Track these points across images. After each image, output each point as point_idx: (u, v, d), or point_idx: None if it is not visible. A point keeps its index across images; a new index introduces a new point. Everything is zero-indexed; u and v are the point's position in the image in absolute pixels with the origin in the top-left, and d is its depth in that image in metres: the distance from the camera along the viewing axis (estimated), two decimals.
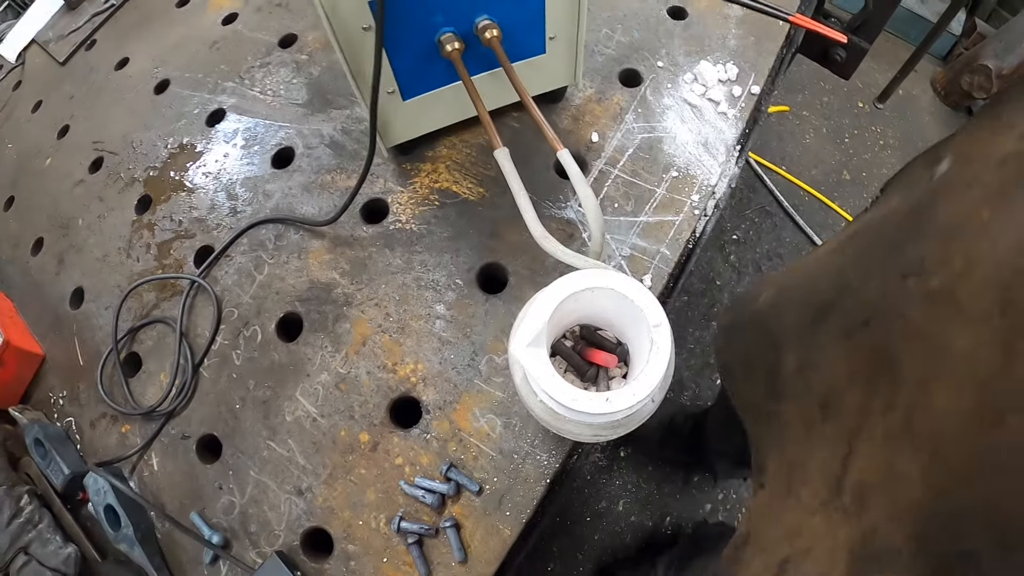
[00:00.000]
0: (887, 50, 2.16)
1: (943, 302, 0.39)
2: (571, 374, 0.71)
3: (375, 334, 0.90)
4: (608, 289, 0.61)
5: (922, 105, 2.14)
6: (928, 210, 0.46)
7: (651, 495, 1.53)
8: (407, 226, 0.96)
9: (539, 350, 0.60)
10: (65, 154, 1.28)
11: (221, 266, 1.01)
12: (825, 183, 1.90)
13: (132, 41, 1.36)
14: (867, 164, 1.97)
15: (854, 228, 0.60)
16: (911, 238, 0.46)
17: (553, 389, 0.58)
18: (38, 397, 1.10)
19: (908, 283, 0.43)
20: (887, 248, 0.49)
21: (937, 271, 0.40)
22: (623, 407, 0.59)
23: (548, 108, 1.02)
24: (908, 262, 0.44)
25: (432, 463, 0.83)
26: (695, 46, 1.10)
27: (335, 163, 1.03)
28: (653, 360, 0.60)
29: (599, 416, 0.60)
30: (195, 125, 1.16)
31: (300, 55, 1.17)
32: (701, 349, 1.64)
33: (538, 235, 0.66)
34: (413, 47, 0.83)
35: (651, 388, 0.59)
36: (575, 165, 0.69)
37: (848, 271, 0.54)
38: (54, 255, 1.17)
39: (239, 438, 0.91)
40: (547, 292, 0.61)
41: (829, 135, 2.01)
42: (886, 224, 0.52)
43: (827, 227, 1.84)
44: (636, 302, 0.61)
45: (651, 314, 0.60)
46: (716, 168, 0.97)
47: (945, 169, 0.47)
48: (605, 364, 0.69)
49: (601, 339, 0.71)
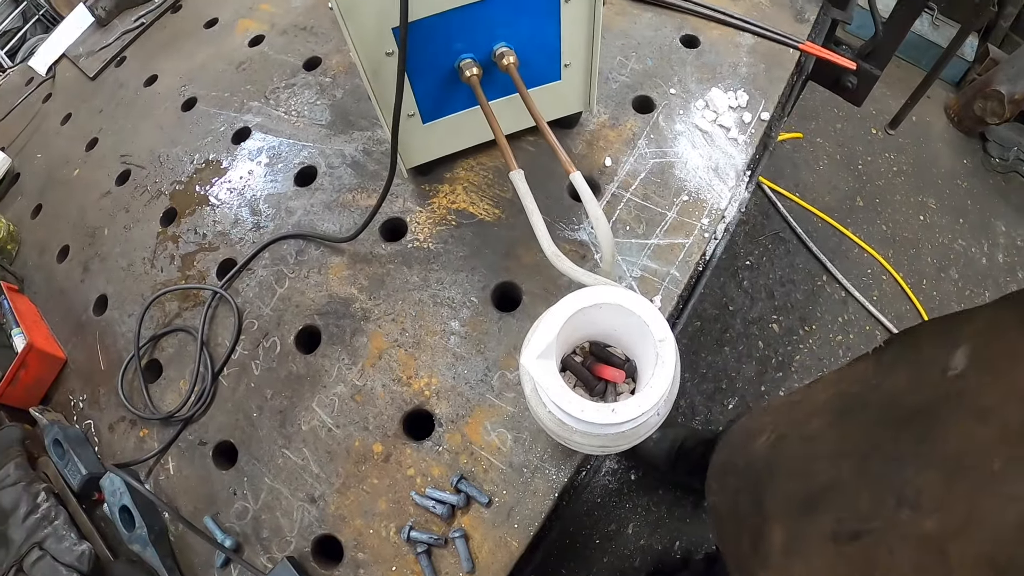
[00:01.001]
0: (899, 76, 2.22)
1: (934, 553, 0.38)
2: (580, 388, 0.76)
3: (391, 348, 0.95)
4: (616, 305, 0.66)
5: (935, 132, 2.20)
6: (935, 425, 0.44)
7: (661, 519, 1.55)
8: (424, 245, 1.02)
9: (549, 362, 0.66)
10: (93, 166, 1.36)
11: (243, 279, 1.07)
12: (838, 209, 1.95)
13: (161, 59, 1.46)
14: (880, 191, 2.02)
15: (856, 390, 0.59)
16: (913, 454, 0.45)
17: (562, 400, 0.63)
18: (58, 399, 1.16)
19: (902, 514, 0.43)
20: (887, 451, 0.48)
21: (934, 512, 0.40)
22: (629, 418, 0.63)
23: (563, 133, 1.09)
24: (905, 487, 0.43)
25: (443, 475, 0.88)
26: (707, 73, 1.16)
27: (356, 182, 1.10)
28: (658, 373, 0.65)
29: (605, 426, 0.64)
30: (221, 142, 1.24)
31: (324, 78, 1.25)
32: (713, 374, 1.68)
33: (550, 253, 0.72)
34: (434, 72, 0.90)
35: (656, 400, 0.64)
36: (586, 186, 0.75)
37: (844, 464, 0.54)
38: (79, 263, 1.24)
39: (255, 445, 0.96)
40: (557, 307, 0.66)
41: (842, 162, 2.07)
42: (889, 411, 0.51)
43: (840, 254, 1.89)
44: (642, 317, 0.66)
45: (656, 329, 0.65)
46: (726, 192, 1.02)
47: (961, 368, 0.45)
48: (613, 379, 0.74)
49: (609, 355, 0.76)
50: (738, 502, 0.67)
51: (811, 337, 1.75)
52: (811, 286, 1.82)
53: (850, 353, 1.74)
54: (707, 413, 1.65)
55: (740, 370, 1.70)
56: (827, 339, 1.76)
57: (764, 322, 1.77)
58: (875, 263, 1.89)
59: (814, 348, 1.74)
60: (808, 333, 1.76)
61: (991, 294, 1.88)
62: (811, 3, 1.27)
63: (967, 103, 2.19)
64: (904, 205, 2.01)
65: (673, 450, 1.46)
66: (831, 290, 1.83)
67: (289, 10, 1.40)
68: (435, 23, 0.82)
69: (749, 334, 1.74)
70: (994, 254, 1.98)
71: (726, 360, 1.71)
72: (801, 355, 1.73)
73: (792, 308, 1.79)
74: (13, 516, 0.97)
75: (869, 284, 1.85)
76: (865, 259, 1.89)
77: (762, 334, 1.75)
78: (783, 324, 1.77)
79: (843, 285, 1.82)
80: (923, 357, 0.52)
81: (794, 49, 1.22)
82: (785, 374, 1.70)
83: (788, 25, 1.24)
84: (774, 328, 1.76)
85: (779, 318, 1.77)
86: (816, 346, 1.74)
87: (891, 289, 1.85)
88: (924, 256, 1.93)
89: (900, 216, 1.98)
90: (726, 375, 1.69)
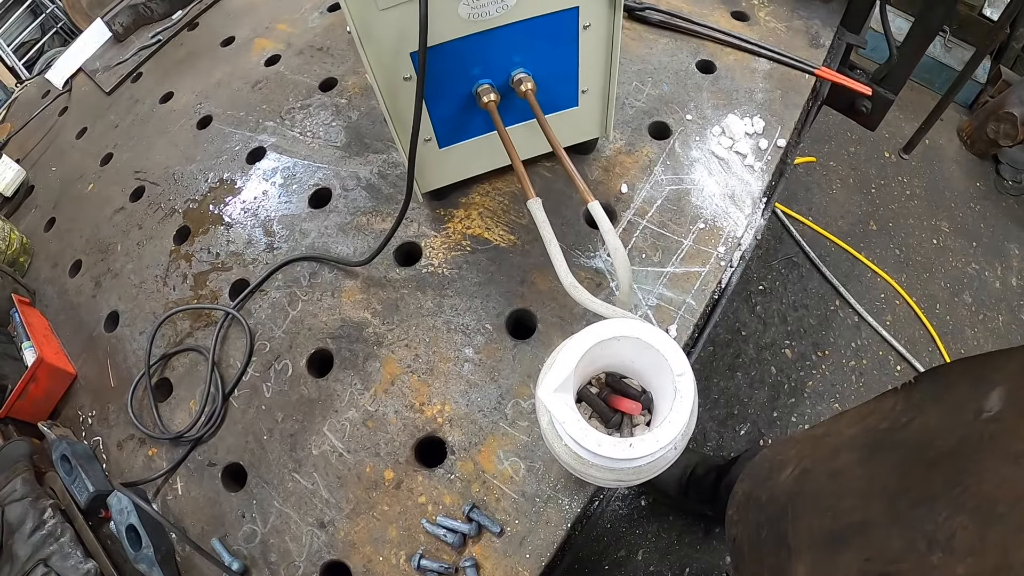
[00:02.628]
0: (913, 99, 2.24)
1: None
2: (596, 420, 0.76)
3: (404, 374, 0.96)
4: (634, 338, 0.66)
5: (948, 154, 2.20)
6: (968, 467, 0.44)
7: (671, 545, 1.54)
8: (439, 270, 1.03)
9: (566, 395, 0.66)
10: (107, 181, 1.38)
11: (255, 300, 1.08)
12: (852, 234, 1.95)
13: (177, 76, 1.48)
14: (894, 215, 2.03)
15: (885, 427, 0.59)
16: (945, 496, 0.44)
17: (579, 434, 0.63)
18: (67, 414, 1.17)
19: (934, 557, 0.43)
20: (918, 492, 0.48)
21: (967, 557, 0.40)
22: (646, 453, 0.64)
23: (579, 159, 1.10)
24: (938, 529, 0.43)
25: (455, 503, 0.87)
26: (723, 99, 1.17)
27: (371, 205, 1.11)
28: (676, 408, 0.65)
29: (622, 461, 0.64)
30: (235, 161, 1.25)
31: (340, 99, 1.27)
32: (726, 400, 1.68)
33: (567, 284, 0.73)
34: (451, 97, 0.91)
35: (674, 435, 0.64)
36: (604, 215, 0.76)
37: (873, 503, 0.53)
38: (92, 278, 1.26)
39: (264, 468, 0.96)
40: (575, 340, 0.67)
41: (856, 185, 2.08)
42: (920, 450, 0.51)
43: (853, 278, 1.89)
44: (661, 351, 0.66)
45: (675, 363, 0.66)
46: (742, 220, 1.03)
47: (995, 411, 0.45)
48: (629, 411, 0.74)
49: (626, 386, 0.76)
50: (760, 535, 0.67)
51: (824, 363, 1.75)
52: (824, 311, 1.82)
53: (863, 379, 1.73)
54: (719, 439, 1.65)
55: (752, 396, 1.70)
56: (840, 364, 1.75)
57: (777, 347, 1.76)
58: (888, 287, 1.88)
59: (827, 374, 1.73)
60: (821, 358, 1.75)
61: (1005, 319, 1.88)
62: (826, 28, 1.29)
63: (980, 125, 2.20)
64: (917, 229, 2.01)
65: (684, 477, 1.45)
66: (844, 315, 1.83)
67: (306, 30, 1.42)
68: (454, 48, 0.84)
69: (762, 359, 1.74)
70: (1007, 278, 1.97)
71: (738, 386, 1.71)
72: (814, 381, 1.72)
73: (805, 333, 1.79)
74: (19, 531, 0.98)
75: (882, 308, 1.84)
76: (878, 283, 1.89)
77: (775, 359, 1.74)
78: (796, 349, 1.76)
79: (856, 310, 1.82)
80: (955, 397, 0.52)
81: (810, 74, 1.23)
82: (797, 400, 1.70)
83: (803, 50, 1.25)
84: (787, 353, 1.76)
85: (792, 343, 1.77)
86: (829, 372, 1.74)
87: (904, 314, 1.84)
88: (937, 280, 1.92)
89: (913, 240, 1.98)
90: (738, 401, 1.69)
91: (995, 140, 2.15)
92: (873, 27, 1.34)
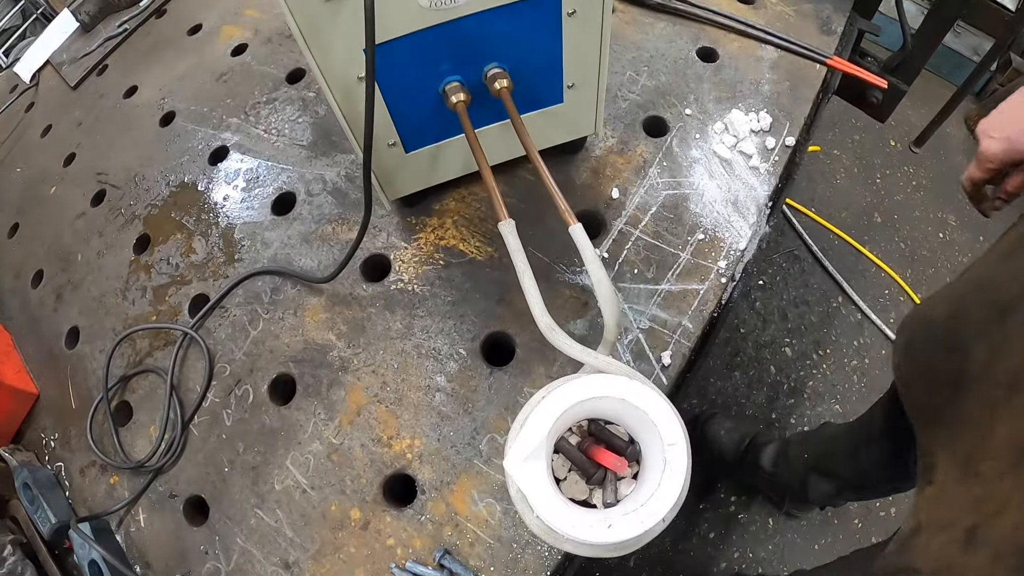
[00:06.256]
0: (919, 86, 2.03)
1: None
2: (576, 474, 0.63)
3: (371, 404, 0.83)
4: (619, 400, 0.53)
5: (955, 144, 2.02)
6: None
7: (664, 552, 1.44)
8: (409, 287, 0.89)
9: (537, 464, 0.53)
10: (70, 184, 1.24)
11: (215, 317, 0.95)
12: (856, 226, 1.79)
13: (142, 69, 1.33)
14: (899, 206, 1.86)
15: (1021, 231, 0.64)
16: None
17: (549, 515, 0.51)
18: (30, 437, 1.06)
19: None
20: None
21: None
22: (628, 537, 0.51)
23: (566, 160, 0.95)
24: None
25: (426, 547, 0.76)
26: (726, 92, 1.02)
27: (337, 212, 0.97)
28: (665, 483, 0.52)
29: (600, 544, 0.52)
30: (197, 163, 1.11)
31: (307, 92, 1.12)
32: (723, 400, 1.55)
33: (544, 326, 0.59)
34: (416, 97, 0.76)
35: (663, 513, 0.52)
36: (589, 244, 0.62)
37: None
38: (52, 289, 1.13)
39: (227, 503, 0.85)
40: (549, 401, 0.54)
41: (860, 175, 1.90)
42: None
43: (856, 273, 1.73)
44: (650, 416, 0.53)
45: (666, 431, 0.53)
46: (746, 230, 0.89)
47: None
48: (614, 468, 0.61)
49: (611, 436, 0.63)
50: (930, 357, 0.67)
51: (825, 362, 1.61)
52: (826, 307, 1.68)
53: (865, 379, 1.60)
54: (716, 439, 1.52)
55: (750, 396, 1.57)
56: (841, 364, 1.61)
57: (776, 345, 1.62)
58: (892, 283, 1.73)
59: (828, 374, 1.60)
60: (822, 358, 1.62)
61: None
62: (838, 13, 1.12)
63: None
64: (923, 222, 1.85)
65: (743, 444, 1.36)
66: (847, 312, 1.68)
67: (275, 16, 1.26)
68: (416, 41, 0.69)
69: (761, 358, 1.60)
70: None
71: (736, 385, 1.58)
72: (814, 381, 1.59)
73: (806, 331, 1.65)
74: None
75: (886, 306, 1.70)
76: (882, 279, 1.74)
77: (774, 358, 1.61)
78: (796, 348, 1.62)
79: (860, 307, 1.67)
80: None
81: (821, 64, 1.07)
82: (797, 401, 1.57)
83: (813, 37, 1.09)
84: (787, 352, 1.62)
85: (792, 341, 1.63)
86: (830, 371, 1.60)
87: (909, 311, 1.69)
88: (943, 276, 1.77)
89: (919, 233, 1.82)
90: (736, 401, 1.56)
91: None
92: (881, 11, 1.18)
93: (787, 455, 1.27)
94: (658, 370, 0.81)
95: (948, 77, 2.11)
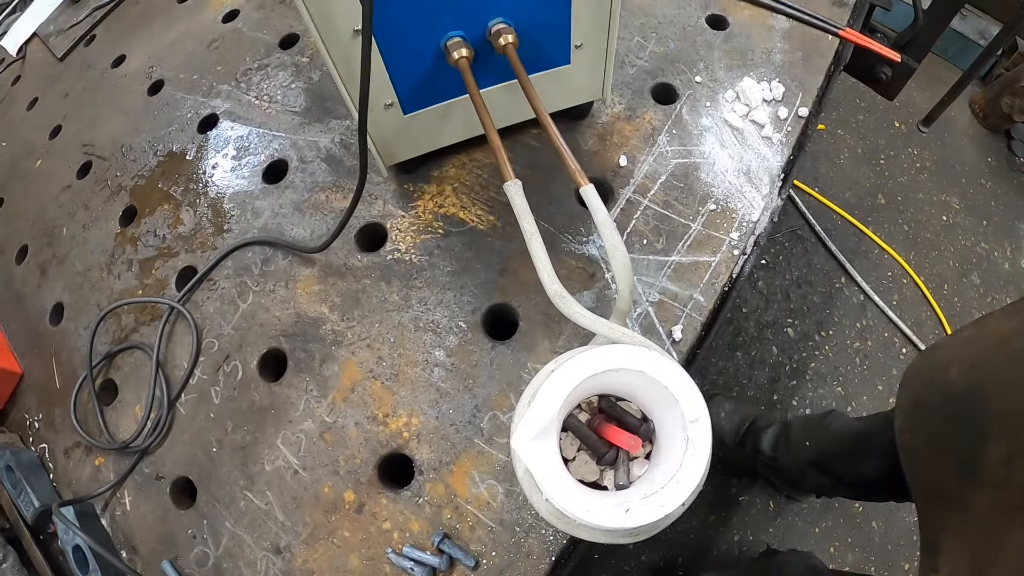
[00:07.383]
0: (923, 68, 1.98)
1: None
2: (585, 453, 0.57)
3: (366, 380, 0.77)
4: (637, 371, 0.47)
5: (960, 127, 1.96)
6: None
7: (663, 534, 1.38)
8: (406, 256, 0.82)
9: (547, 443, 0.47)
10: (55, 156, 1.17)
11: (203, 290, 0.89)
12: (859, 207, 1.73)
13: (131, 38, 1.25)
14: (903, 188, 1.80)
15: None
16: None
17: (561, 498, 0.45)
18: (14, 417, 1.00)
19: None
20: None
21: None
22: (647, 521, 0.46)
23: (572, 126, 0.89)
24: None
25: (424, 531, 0.71)
26: (737, 60, 0.95)
27: (330, 180, 0.90)
28: (688, 464, 0.46)
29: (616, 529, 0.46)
30: (186, 131, 1.04)
31: (301, 57, 1.04)
32: (724, 381, 1.49)
33: (552, 292, 0.53)
34: (415, 53, 0.69)
35: (684, 497, 0.46)
36: (602, 206, 0.55)
37: None
38: (37, 265, 1.06)
39: (215, 485, 0.79)
40: (559, 374, 0.48)
41: (864, 156, 1.84)
42: None
43: (860, 254, 1.67)
44: (671, 390, 0.47)
45: (688, 407, 0.47)
46: (759, 201, 0.82)
47: None
48: (627, 447, 0.55)
49: (623, 413, 0.57)
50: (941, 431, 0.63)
51: (827, 343, 1.56)
52: (829, 288, 1.62)
53: (867, 361, 1.55)
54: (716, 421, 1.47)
55: (752, 376, 1.51)
56: (844, 345, 1.56)
57: (779, 326, 1.57)
58: (896, 265, 1.68)
59: (830, 355, 1.54)
60: (824, 339, 1.56)
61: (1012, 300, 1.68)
62: None
63: (994, 99, 1.97)
64: (927, 204, 1.79)
65: (743, 428, 1.30)
66: (849, 293, 1.62)
67: None
68: None
69: (763, 338, 1.55)
70: (1016, 259, 1.77)
71: (738, 366, 1.52)
72: (816, 362, 1.54)
73: (808, 312, 1.59)
74: None
75: (889, 288, 1.64)
76: (886, 260, 1.68)
77: (776, 339, 1.55)
78: (798, 328, 1.57)
79: (863, 288, 1.61)
80: None
81: (833, 35, 1.00)
82: (799, 382, 1.51)
83: (825, 8, 1.02)
84: (789, 332, 1.56)
85: (794, 322, 1.57)
86: (832, 353, 1.55)
87: (912, 294, 1.64)
88: (946, 259, 1.71)
89: (922, 216, 1.76)
90: (737, 382, 1.50)
91: (1009, 115, 1.91)
92: None
93: (788, 439, 1.22)
94: (668, 345, 0.75)
95: (953, 60, 2.05)
